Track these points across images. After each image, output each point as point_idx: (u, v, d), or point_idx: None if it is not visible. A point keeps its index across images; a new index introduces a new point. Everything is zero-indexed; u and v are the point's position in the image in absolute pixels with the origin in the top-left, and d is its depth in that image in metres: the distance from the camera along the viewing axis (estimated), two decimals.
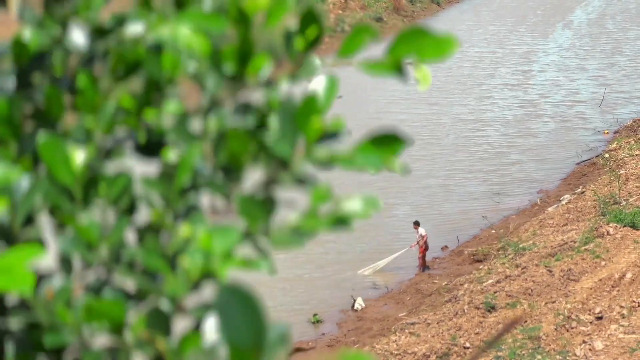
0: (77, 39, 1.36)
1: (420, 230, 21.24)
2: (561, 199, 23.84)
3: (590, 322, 16.42)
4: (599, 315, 16.58)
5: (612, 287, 17.30)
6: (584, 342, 15.89)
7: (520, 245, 19.99)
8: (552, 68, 39.46)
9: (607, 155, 26.77)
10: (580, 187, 24.27)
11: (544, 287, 17.65)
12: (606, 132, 30.22)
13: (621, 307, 16.72)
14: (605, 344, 15.75)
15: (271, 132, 1.27)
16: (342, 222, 1.25)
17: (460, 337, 16.55)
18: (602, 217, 20.45)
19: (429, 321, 17.35)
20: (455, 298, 18.23)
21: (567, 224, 21.06)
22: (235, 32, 1.29)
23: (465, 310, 17.31)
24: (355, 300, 19.33)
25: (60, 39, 1.36)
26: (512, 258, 19.46)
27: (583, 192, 23.30)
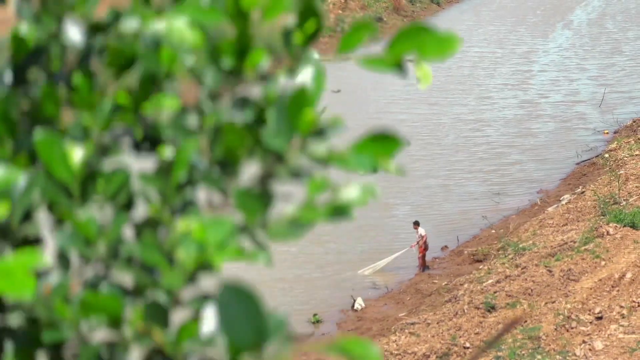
0: (73, 35, 1.35)
1: (420, 230, 21.23)
2: (561, 199, 23.84)
3: (590, 322, 16.42)
4: (599, 315, 16.58)
5: (612, 287, 17.30)
6: (584, 342, 15.89)
7: (520, 245, 19.98)
8: (552, 68, 39.46)
9: (607, 155, 26.78)
10: (580, 187, 24.27)
11: (544, 287, 17.64)
12: (606, 132, 30.22)
13: (621, 307, 16.72)
14: (605, 344, 15.74)
15: (268, 126, 1.26)
16: (340, 211, 1.24)
17: (460, 337, 16.55)
18: (602, 217, 20.45)
19: (429, 321, 17.34)
20: (455, 298, 18.23)
21: (567, 224, 21.05)
22: (233, 26, 1.29)
23: (465, 310, 17.31)
24: (355, 300, 19.33)
25: (56, 34, 1.36)
26: (512, 258, 19.45)
27: (583, 192, 23.30)
